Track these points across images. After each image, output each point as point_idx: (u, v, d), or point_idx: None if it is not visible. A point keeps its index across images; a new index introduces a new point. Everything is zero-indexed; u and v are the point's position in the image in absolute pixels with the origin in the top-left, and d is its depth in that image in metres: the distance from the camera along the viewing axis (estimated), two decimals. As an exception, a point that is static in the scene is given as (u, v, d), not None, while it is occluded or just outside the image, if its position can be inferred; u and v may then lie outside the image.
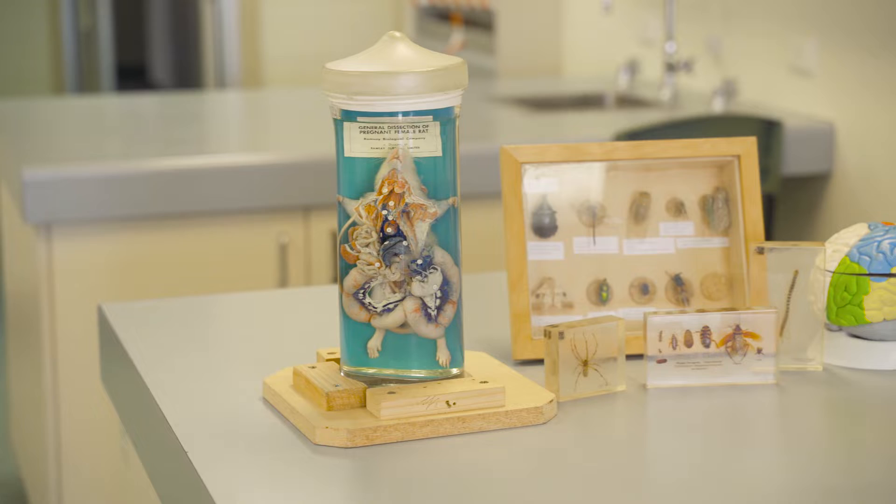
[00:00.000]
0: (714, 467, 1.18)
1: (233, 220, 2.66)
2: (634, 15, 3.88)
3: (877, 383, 1.35)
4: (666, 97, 3.42)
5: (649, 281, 1.47)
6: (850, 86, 2.98)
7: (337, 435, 1.21)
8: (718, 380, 1.34)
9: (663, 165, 1.47)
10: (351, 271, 1.26)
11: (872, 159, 2.93)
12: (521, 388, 1.29)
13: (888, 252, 1.37)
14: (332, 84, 1.24)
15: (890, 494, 1.12)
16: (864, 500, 1.11)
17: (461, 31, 4.62)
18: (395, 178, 1.23)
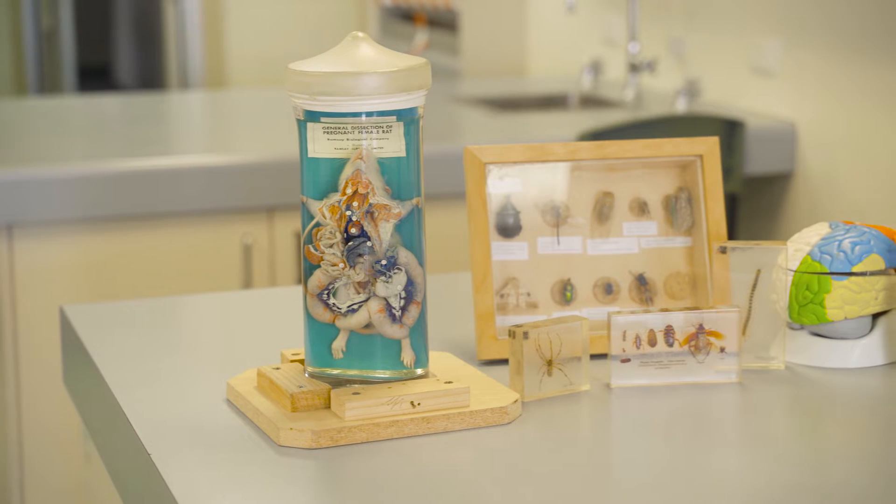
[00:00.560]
0: (678, 466, 1.18)
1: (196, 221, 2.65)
2: (598, 15, 3.89)
3: (838, 381, 1.36)
4: (629, 97, 3.43)
5: (613, 280, 1.47)
6: (811, 86, 3.00)
7: (301, 436, 1.20)
8: (682, 379, 1.35)
9: (626, 165, 1.48)
10: (315, 272, 1.26)
11: (834, 159, 2.95)
12: (485, 388, 1.29)
13: (849, 251, 1.38)
14: (295, 84, 1.24)
15: (853, 492, 1.13)
16: (827, 497, 1.12)
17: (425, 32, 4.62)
18: (358, 179, 1.23)
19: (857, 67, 2.85)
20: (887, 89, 2.76)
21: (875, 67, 2.79)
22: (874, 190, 2.83)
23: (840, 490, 1.13)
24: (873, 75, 2.80)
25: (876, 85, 2.79)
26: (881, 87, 2.78)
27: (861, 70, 2.83)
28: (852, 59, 2.86)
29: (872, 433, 1.26)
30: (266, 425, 1.24)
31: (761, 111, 3.14)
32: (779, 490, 1.13)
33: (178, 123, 3.46)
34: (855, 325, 1.40)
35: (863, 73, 2.83)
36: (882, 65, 2.77)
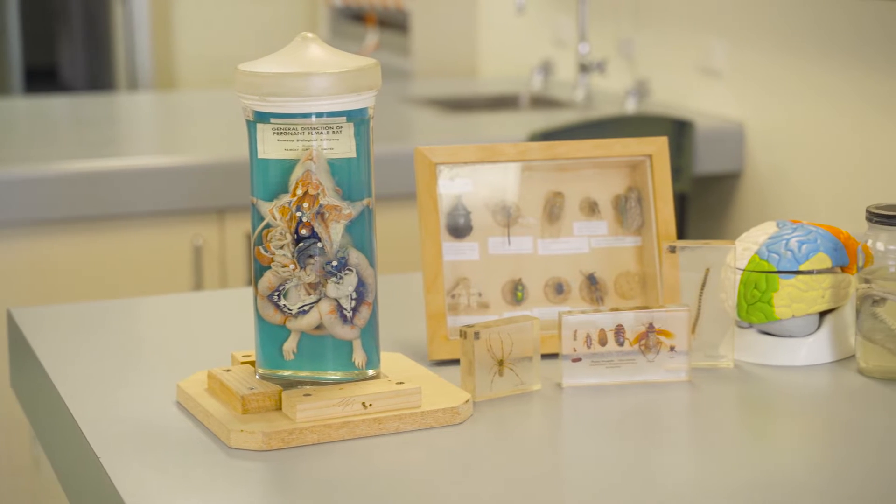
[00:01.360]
0: (628, 464, 1.19)
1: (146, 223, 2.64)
2: (548, 16, 3.90)
3: (786, 379, 1.38)
4: (579, 98, 3.45)
5: (564, 280, 1.48)
6: (758, 86, 3.03)
7: (252, 438, 1.20)
8: (632, 378, 1.36)
9: (577, 165, 1.48)
10: (265, 273, 1.25)
11: (781, 158, 2.98)
12: (437, 388, 1.29)
13: (796, 250, 1.40)
14: (244, 85, 1.23)
15: (800, 488, 1.14)
16: (775, 494, 1.13)
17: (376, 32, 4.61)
18: (309, 180, 1.23)
19: (801, 67, 2.87)
20: (831, 89, 2.79)
21: (819, 67, 2.82)
22: (821, 189, 2.86)
23: (788, 486, 1.14)
24: (818, 75, 2.83)
25: (820, 84, 2.82)
26: (826, 87, 2.81)
27: (806, 70, 2.86)
28: (797, 59, 2.88)
29: (819, 430, 1.28)
30: (216, 427, 1.23)
31: (710, 111, 3.16)
32: (727, 487, 1.14)
33: (128, 125, 3.43)
34: (802, 324, 1.41)
35: (807, 73, 2.85)
36: (826, 65, 2.80)
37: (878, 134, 2.69)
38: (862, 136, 2.73)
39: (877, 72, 2.67)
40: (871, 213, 1.36)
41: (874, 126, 2.70)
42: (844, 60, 2.75)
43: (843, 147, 2.79)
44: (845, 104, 2.76)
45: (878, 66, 2.67)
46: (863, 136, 2.73)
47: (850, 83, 2.75)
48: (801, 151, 2.91)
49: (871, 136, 2.71)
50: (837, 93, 2.78)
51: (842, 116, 2.78)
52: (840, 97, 2.77)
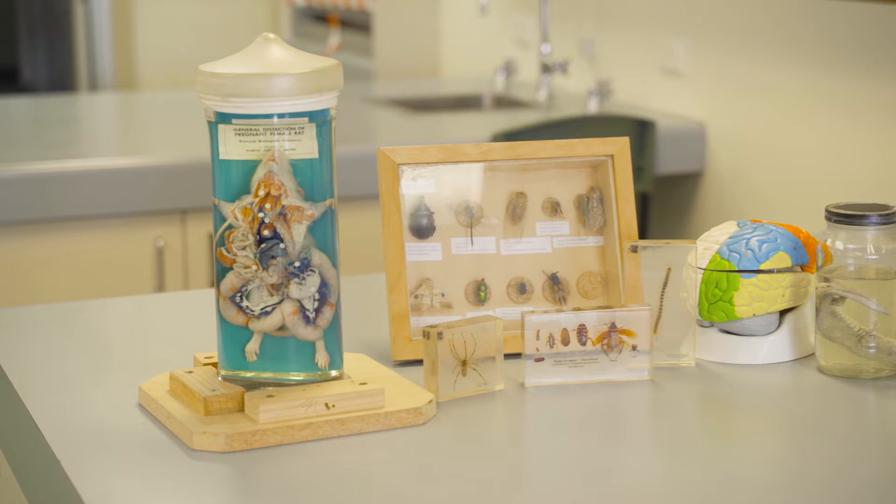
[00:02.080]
0: (591, 464, 1.19)
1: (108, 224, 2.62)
2: (510, 17, 3.91)
3: (747, 377, 1.39)
4: (542, 98, 3.46)
5: (526, 280, 1.48)
6: (719, 86, 3.05)
7: (215, 440, 1.19)
8: (595, 377, 1.36)
9: (539, 166, 1.49)
10: (228, 274, 1.25)
11: (741, 158, 3.00)
12: (400, 389, 1.29)
13: (756, 249, 1.41)
14: (205, 86, 1.23)
15: (762, 486, 1.15)
16: (737, 491, 1.14)
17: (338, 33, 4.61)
18: (271, 181, 1.23)
19: (762, 68, 2.89)
20: (791, 89, 2.81)
21: (779, 68, 2.84)
22: (781, 188, 2.88)
23: (749, 484, 1.15)
24: (778, 76, 2.85)
25: (781, 85, 2.84)
26: (786, 87, 2.83)
27: (766, 71, 2.88)
28: (757, 59, 2.90)
29: (780, 428, 1.29)
30: (179, 429, 1.22)
31: (671, 111, 3.18)
32: (689, 485, 1.14)
33: (89, 126, 3.41)
34: (763, 322, 1.42)
35: (768, 74, 2.87)
36: (785, 65, 2.82)
37: (838, 134, 2.71)
38: (821, 136, 2.75)
39: (836, 73, 2.69)
40: (830, 213, 1.37)
41: (834, 126, 2.72)
42: (804, 61, 2.77)
43: (803, 147, 2.81)
44: (805, 104, 2.78)
45: (837, 67, 2.69)
46: (822, 136, 2.75)
47: (809, 84, 2.77)
48: (762, 151, 2.93)
49: (830, 135, 2.73)
50: (797, 93, 2.80)
51: (802, 116, 2.80)
52: (800, 97, 2.79)
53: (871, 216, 1.35)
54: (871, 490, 1.13)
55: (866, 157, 2.64)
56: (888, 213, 1.35)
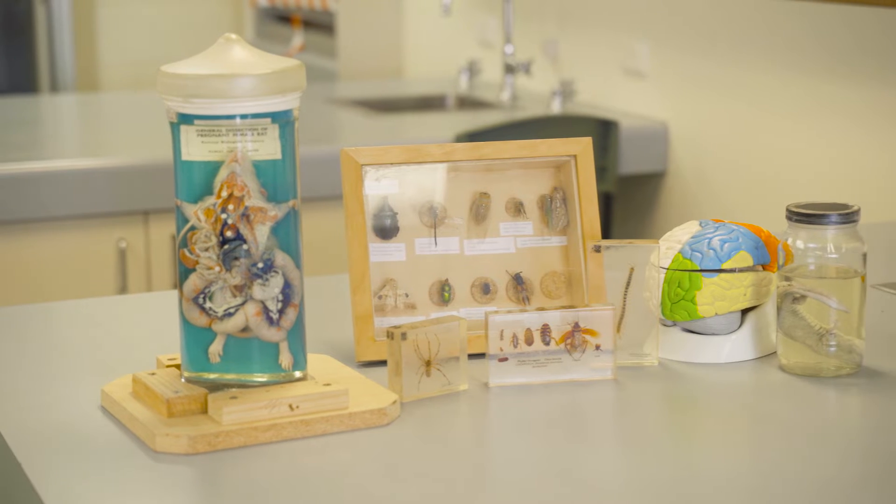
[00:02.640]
0: (555, 463, 1.20)
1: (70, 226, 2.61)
2: (473, 17, 3.92)
3: (710, 376, 1.39)
4: (505, 98, 3.46)
5: (490, 280, 1.48)
6: (681, 87, 3.06)
7: (178, 441, 1.19)
8: (559, 377, 1.37)
9: (502, 166, 1.49)
10: (190, 276, 1.24)
11: (703, 158, 3.01)
12: (364, 389, 1.29)
13: (718, 248, 1.41)
14: (167, 87, 1.23)
15: (725, 484, 1.15)
16: (701, 490, 1.14)
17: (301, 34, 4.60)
18: (234, 182, 1.23)
19: (723, 68, 2.91)
20: (752, 89, 2.83)
21: (740, 68, 2.86)
22: (742, 188, 2.89)
23: (712, 482, 1.16)
24: (739, 76, 2.86)
25: (742, 85, 2.86)
26: (747, 87, 2.85)
27: (727, 71, 2.90)
28: (719, 60, 2.92)
29: (743, 426, 1.29)
30: (141, 431, 1.22)
31: (634, 111, 3.19)
32: (652, 483, 1.15)
33: (51, 127, 3.39)
34: (725, 321, 1.43)
35: (729, 74, 2.89)
36: (746, 65, 2.84)
37: (799, 133, 2.73)
38: (782, 135, 2.77)
39: (795, 73, 2.71)
40: (791, 212, 1.38)
41: (795, 126, 2.74)
42: (765, 62, 2.79)
43: (765, 147, 2.83)
44: (766, 105, 2.80)
45: (796, 67, 2.71)
46: (783, 136, 2.77)
47: (770, 84, 2.79)
48: (723, 151, 2.95)
49: (791, 135, 2.75)
50: (759, 93, 2.82)
51: (763, 117, 2.82)
52: (761, 98, 2.81)
53: (831, 215, 1.36)
54: (832, 487, 1.14)
55: (827, 156, 2.66)
56: (848, 212, 1.36)
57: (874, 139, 2.54)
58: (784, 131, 2.77)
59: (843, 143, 2.61)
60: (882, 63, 2.50)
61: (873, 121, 2.53)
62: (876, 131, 2.53)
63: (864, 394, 1.34)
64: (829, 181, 2.65)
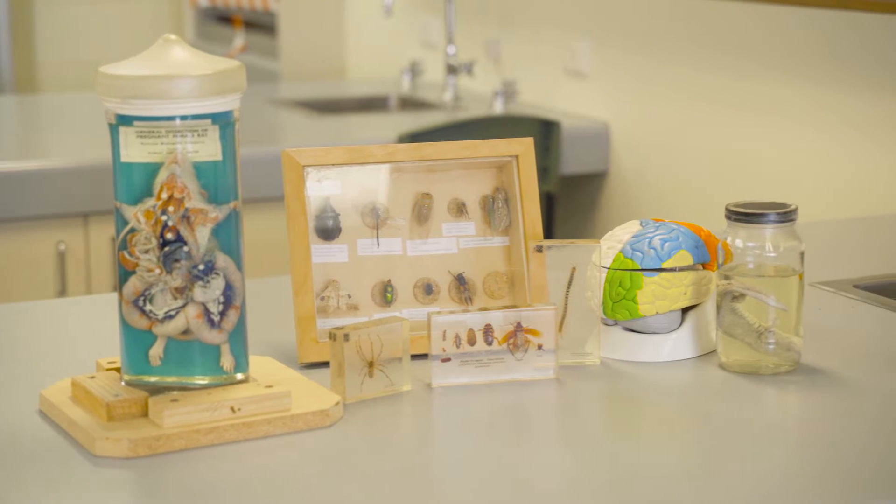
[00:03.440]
0: (499, 462, 1.20)
1: (9, 229, 2.58)
2: (415, 18, 3.92)
3: (651, 375, 1.40)
4: (448, 99, 3.47)
5: (433, 281, 1.48)
6: (622, 87, 3.08)
7: (118, 445, 1.18)
8: (501, 376, 1.37)
9: (445, 167, 1.49)
10: (130, 278, 1.24)
11: (644, 158, 3.03)
12: (307, 391, 1.29)
13: (659, 248, 1.42)
14: (106, 88, 1.22)
15: (667, 481, 1.16)
16: (642, 488, 1.15)
17: (243, 34, 4.58)
18: (174, 183, 1.22)
19: (663, 69, 2.93)
20: (691, 89, 2.85)
21: (679, 68, 2.88)
22: (683, 187, 2.92)
23: (654, 480, 1.16)
24: (678, 76, 2.89)
25: (681, 85, 2.88)
26: (686, 88, 2.87)
27: (667, 71, 2.92)
28: (658, 60, 2.94)
29: (683, 424, 1.30)
30: (81, 436, 1.21)
31: (576, 112, 3.21)
32: (594, 481, 1.16)
33: (-13, 128, 3.35)
34: (666, 320, 1.44)
35: (668, 75, 2.91)
36: (685, 66, 2.86)
37: (737, 133, 2.76)
38: (721, 135, 2.80)
39: (734, 73, 2.74)
40: (730, 212, 1.39)
41: (733, 125, 2.76)
42: (704, 62, 2.81)
43: (704, 147, 2.85)
44: (706, 105, 2.83)
45: (735, 67, 2.73)
46: (722, 136, 2.80)
47: (709, 84, 2.81)
48: (664, 151, 2.97)
49: (730, 135, 2.78)
50: (698, 94, 2.84)
51: (703, 117, 2.84)
52: (701, 98, 2.84)
53: (769, 214, 1.37)
54: (772, 482, 1.15)
55: (766, 156, 2.68)
56: (786, 211, 1.38)
57: (811, 139, 2.57)
58: (724, 131, 2.79)
59: (781, 142, 2.64)
60: (816, 62, 2.53)
61: (810, 120, 2.56)
62: (813, 131, 2.56)
63: (802, 390, 1.36)
64: (767, 181, 2.68)
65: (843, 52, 2.47)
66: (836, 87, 2.49)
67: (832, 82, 2.50)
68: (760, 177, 2.70)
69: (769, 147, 2.67)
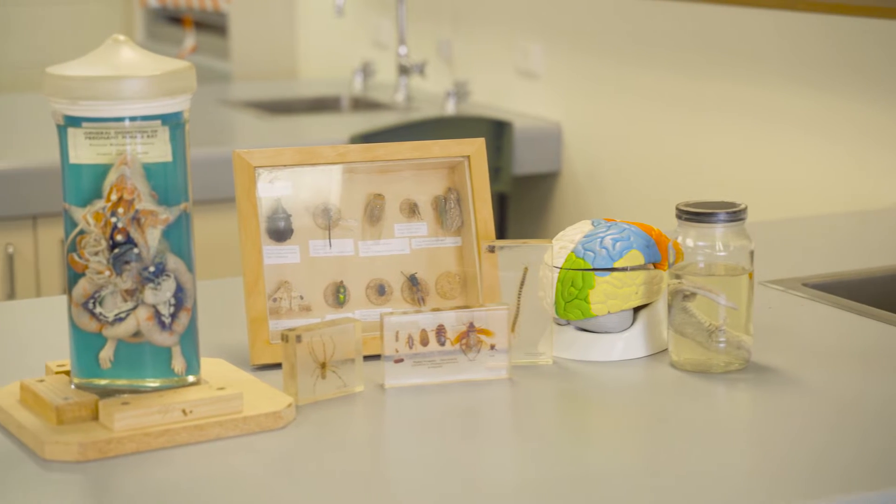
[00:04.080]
0: (452, 462, 1.20)
1: (-45, 231, 2.55)
2: (366, 18, 3.91)
3: (603, 374, 1.41)
4: (400, 99, 3.47)
5: (385, 282, 1.48)
6: (574, 88, 3.09)
7: (67, 449, 1.17)
8: (454, 377, 1.37)
9: (396, 167, 1.49)
10: (80, 281, 1.23)
11: (596, 158, 3.05)
12: (259, 393, 1.29)
13: (611, 247, 1.43)
14: (53, 89, 1.21)
15: (619, 480, 1.17)
16: (594, 487, 1.15)
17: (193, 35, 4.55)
18: (123, 185, 1.21)
19: (614, 69, 2.94)
20: (642, 89, 2.87)
21: (631, 69, 2.89)
22: (634, 187, 2.93)
23: (607, 479, 1.17)
24: (630, 76, 2.90)
25: (632, 85, 2.90)
26: (637, 88, 2.88)
27: (618, 71, 2.93)
28: (610, 61, 2.95)
29: (635, 423, 1.31)
30: (30, 440, 1.20)
31: (528, 112, 3.22)
32: (547, 480, 1.16)
33: (-66, 129, 3.31)
34: (617, 319, 1.44)
35: (620, 75, 2.93)
36: (637, 66, 2.87)
37: (688, 133, 2.77)
38: (673, 135, 2.81)
39: (685, 73, 2.76)
40: (681, 211, 1.40)
41: (684, 126, 2.78)
42: (654, 62, 2.83)
43: (655, 147, 2.87)
44: (657, 104, 2.84)
45: (685, 67, 2.75)
46: (673, 136, 2.81)
47: (660, 84, 2.83)
48: (616, 151, 2.98)
49: (681, 135, 2.79)
50: (649, 93, 2.86)
51: (654, 117, 2.86)
52: (652, 98, 2.85)
53: (719, 214, 1.38)
54: (723, 480, 1.16)
55: (716, 156, 2.70)
56: (736, 210, 1.39)
57: (761, 138, 2.59)
58: (674, 131, 2.81)
59: (731, 142, 2.66)
60: (765, 61, 2.55)
61: (760, 120, 2.58)
62: (762, 131, 2.58)
63: (752, 388, 1.37)
64: (718, 181, 2.70)
65: (790, 51, 2.49)
66: (785, 86, 2.51)
67: (781, 81, 2.52)
68: (711, 176, 2.72)
69: (719, 147, 2.69)
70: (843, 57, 2.38)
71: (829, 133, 2.43)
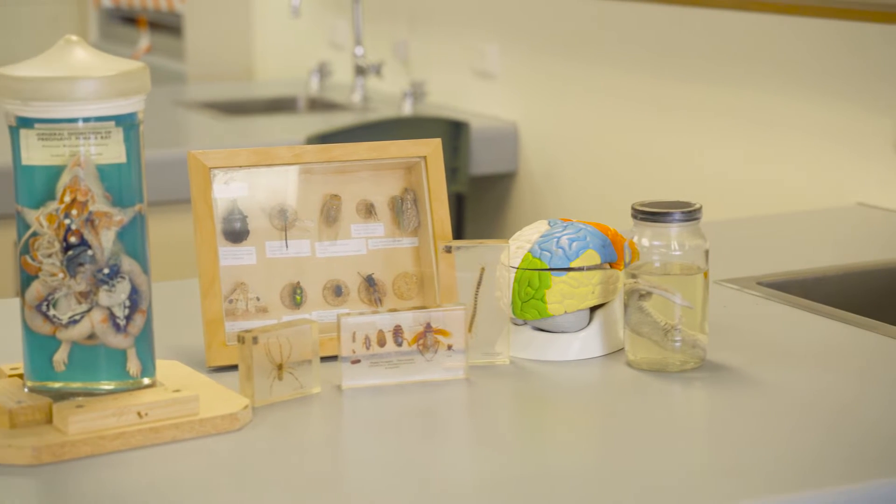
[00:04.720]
0: (410, 463, 1.20)
1: None
2: (323, 19, 3.91)
3: (560, 373, 1.41)
4: (356, 100, 3.46)
5: (342, 282, 1.48)
6: (530, 88, 3.10)
7: (21, 453, 1.16)
8: (411, 377, 1.37)
9: (353, 168, 1.49)
10: (33, 283, 1.22)
11: (552, 158, 3.06)
12: (215, 395, 1.28)
13: (567, 247, 1.43)
14: (5, 90, 1.20)
15: (575, 479, 1.17)
16: (551, 486, 1.16)
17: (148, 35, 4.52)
18: (77, 186, 1.20)
19: (570, 69, 2.95)
20: (597, 90, 2.88)
21: (586, 69, 2.90)
22: (590, 187, 2.94)
23: (563, 478, 1.17)
24: (585, 76, 2.91)
25: (587, 85, 2.91)
26: (592, 88, 2.89)
27: (573, 72, 2.94)
28: (566, 61, 2.96)
29: (592, 422, 1.32)
30: (-16, 444, 1.19)
31: (484, 112, 3.22)
32: (504, 480, 1.16)
33: None
34: (574, 319, 1.45)
35: (575, 75, 2.94)
36: (591, 66, 2.88)
37: (643, 134, 2.79)
38: (628, 135, 2.83)
39: (640, 73, 2.77)
40: (636, 211, 1.40)
41: (639, 126, 2.79)
42: (610, 62, 2.84)
43: (611, 147, 2.88)
44: (612, 105, 2.85)
45: (641, 67, 2.76)
46: (628, 136, 2.83)
47: (616, 84, 2.84)
48: (571, 151, 2.99)
49: (636, 135, 2.81)
50: (605, 94, 2.87)
51: (609, 117, 2.87)
52: (607, 98, 2.86)
53: (674, 213, 1.39)
54: (679, 478, 1.17)
55: (670, 156, 2.72)
56: (690, 210, 1.40)
57: (715, 138, 2.60)
58: (630, 131, 2.82)
59: (685, 142, 2.68)
60: (720, 62, 2.56)
61: (715, 120, 2.60)
62: (717, 130, 2.60)
63: (708, 387, 1.38)
64: (673, 180, 2.71)
65: (748, 52, 2.51)
66: (739, 86, 2.53)
67: (736, 82, 2.54)
68: (666, 176, 2.73)
69: (675, 146, 2.70)
70: (797, 55, 2.40)
71: (783, 133, 2.45)
